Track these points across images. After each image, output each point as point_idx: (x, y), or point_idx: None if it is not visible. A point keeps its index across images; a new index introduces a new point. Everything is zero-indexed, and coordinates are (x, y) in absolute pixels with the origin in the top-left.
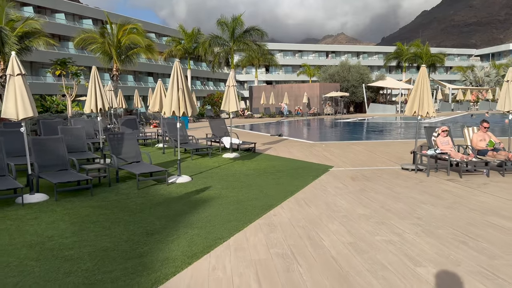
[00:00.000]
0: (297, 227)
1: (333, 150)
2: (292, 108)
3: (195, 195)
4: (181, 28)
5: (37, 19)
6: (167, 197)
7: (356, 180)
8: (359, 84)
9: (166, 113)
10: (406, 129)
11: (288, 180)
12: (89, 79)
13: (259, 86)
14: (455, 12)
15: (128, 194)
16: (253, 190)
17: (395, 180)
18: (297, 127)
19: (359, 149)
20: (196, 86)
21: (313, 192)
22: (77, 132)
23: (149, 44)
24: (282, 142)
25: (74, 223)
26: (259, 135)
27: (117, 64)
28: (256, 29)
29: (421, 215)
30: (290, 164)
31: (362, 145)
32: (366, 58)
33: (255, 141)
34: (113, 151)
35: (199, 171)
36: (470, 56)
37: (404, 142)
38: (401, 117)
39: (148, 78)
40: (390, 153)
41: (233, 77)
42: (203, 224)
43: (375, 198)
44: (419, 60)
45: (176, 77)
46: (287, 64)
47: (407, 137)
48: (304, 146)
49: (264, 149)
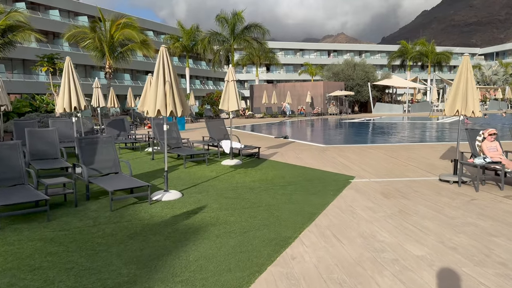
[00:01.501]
0: (330, 282)
1: (349, 155)
2: (294, 108)
3: (184, 220)
4: (179, 25)
5: (21, 11)
6: (147, 224)
7: (390, 197)
8: (364, 83)
9: (149, 112)
10: (420, 129)
11: (303, 197)
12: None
13: (260, 85)
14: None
15: (96, 218)
16: (260, 211)
17: (438, 198)
18: (302, 128)
19: (379, 154)
20: (195, 86)
21: (339, 215)
22: (48, 136)
23: (144, 40)
24: (288, 146)
25: (4, 271)
26: (262, 137)
27: (110, 61)
28: (257, 25)
29: (502, 256)
30: (302, 174)
31: (380, 149)
32: (369, 57)
33: (257, 144)
34: (84, 160)
35: (193, 184)
36: (474, 55)
37: (426, 145)
38: (410, 117)
39: (146, 77)
40: (416, 159)
41: (233, 72)
42: (191, 274)
43: (425, 226)
44: (424, 59)
45: (162, 67)
46: (289, 63)
47: (426, 139)
48: (314, 151)
49: (270, 154)
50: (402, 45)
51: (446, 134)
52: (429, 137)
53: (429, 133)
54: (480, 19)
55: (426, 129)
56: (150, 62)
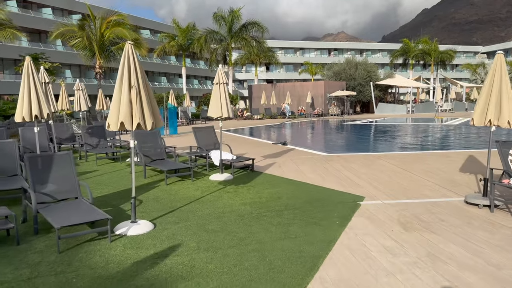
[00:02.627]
0: None
1: (355, 167)
2: (294, 109)
3: (148, 269)
4: (174, 23)
5: (1, 9)
6: (98, 277)
7: (411, 229)
8: (366, 82)
9: (111, 125)
10: (429, 133)
11: (303, 228)
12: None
13: (259, 85)
14: (456, 10)
15: (36, 265)
16: (248, 254)
17: (472, 230)
18: (303, 131)
19: (390, 165)
20: (193, 85)
21: (349, 262)
22: (4, 148)
23: (136, 38)
24: (287, 154)
25: None
26: (258, 144)
27: (101, 60)
28: (255, 23)
29: None
30: (302, 193)
31: (390, 158)
32: (370, 55)
33: (253, 151)
34: (35, 183)
35: (171, 208)
36: (476, 54)
37: (440, 154)
38: (414, 118)
39: None
40: (432, 172)
41: (223, 73)
42: None
43: (468, 283)
44: (427, 57)
45: (127, 69)
46: (288, 62)
47: (438, 146)
48: (316, 161)
49: (265, 165)
50: (405, 43)
51: (459, 139)
52: (441, 143)
53: (439, 138)
54: (481, 17)
55: (435, 132)
56: (147, 62)
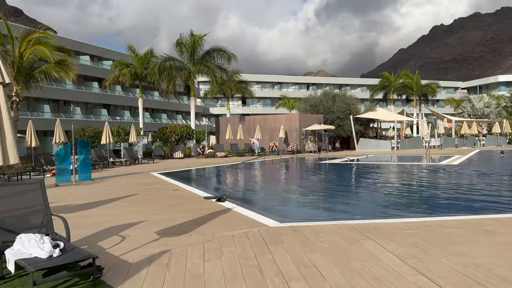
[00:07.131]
0: None
1: (320, 262)
2: (266, 145)
3: None
4: (130, 49)
5: None
6: None
7: None
8: (345, 116)
9: None
10: (432, 179)
11: None
12: None
13: (226, 119)
14: (432, 50)
15: None
16: None
17: None
18: (265, 174)
19: (388, 257)
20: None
21: None
22: None
23: (62, 60)
24: (208, 225)
25: None
26: (185, 197)
27: (17, 87)
28: (221, 50)
29: None
30: None
31: (387, 237)
32: (349, 90)
33: (167, 213)
34: None
35: None
36: (457, 89)
37: (472, 222)
38: (402, 156)
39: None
40: (478, 272)
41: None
42: None
43: None
44: (409, 91)
45: None
46: (266, 96)
47: (458, 205)
48: (253, 242)
49: (141, 260)
50: (385, 77)
51: (481, 190)
52: (461, 200)
53: (451, 189)
54: (456, 56)
55: (438, 178)
56: (108, 95)
